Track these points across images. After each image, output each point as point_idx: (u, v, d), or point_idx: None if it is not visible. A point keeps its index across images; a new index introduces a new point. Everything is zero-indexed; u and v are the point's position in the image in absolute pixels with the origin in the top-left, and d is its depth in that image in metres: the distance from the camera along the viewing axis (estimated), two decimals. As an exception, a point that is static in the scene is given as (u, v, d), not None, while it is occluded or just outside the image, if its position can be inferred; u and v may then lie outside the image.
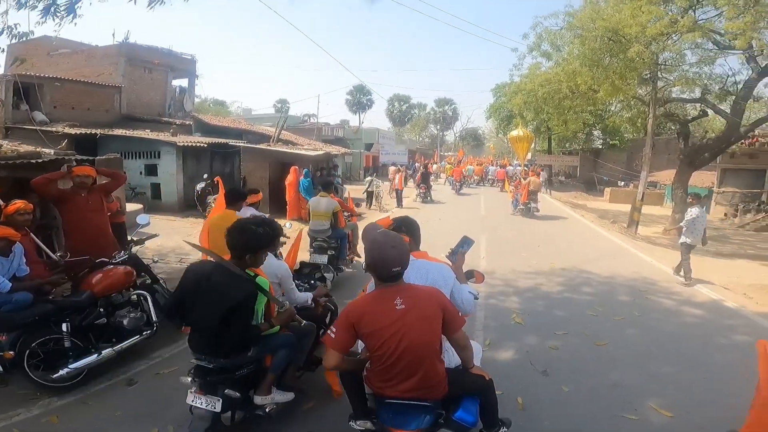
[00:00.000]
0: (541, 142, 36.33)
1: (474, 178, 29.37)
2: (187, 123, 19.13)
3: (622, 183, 26.27)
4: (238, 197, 4.70)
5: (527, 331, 5.09)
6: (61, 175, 4.57)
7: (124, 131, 14.55)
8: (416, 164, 28.66)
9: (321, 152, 19.00)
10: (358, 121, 53.93)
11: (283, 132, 20.62)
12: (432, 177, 22.93)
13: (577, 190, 27.52)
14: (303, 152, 16.86)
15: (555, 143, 35.17)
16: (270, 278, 2.94)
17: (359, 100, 56.38)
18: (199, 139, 14.91)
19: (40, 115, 13.93)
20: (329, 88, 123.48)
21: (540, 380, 3.95)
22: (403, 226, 2.82)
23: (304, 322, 3.29)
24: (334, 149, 23.24)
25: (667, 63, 12.78)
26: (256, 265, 2.79)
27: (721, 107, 13.65)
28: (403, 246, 2.24)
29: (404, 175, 19.38)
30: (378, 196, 16.37)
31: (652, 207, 16.42)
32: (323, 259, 6.12)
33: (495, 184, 28.10)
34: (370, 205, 16.11)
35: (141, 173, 13.54)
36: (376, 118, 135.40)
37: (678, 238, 7.67)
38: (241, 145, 15.11)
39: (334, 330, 2.22)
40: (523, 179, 16.08)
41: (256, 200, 5.38)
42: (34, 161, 5.60)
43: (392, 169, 20.37)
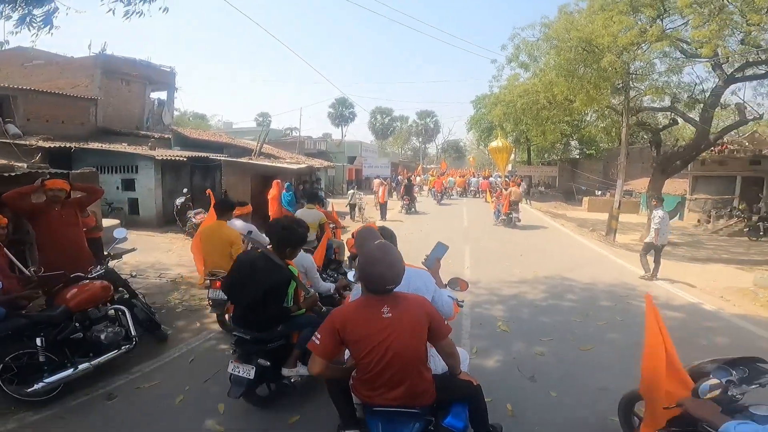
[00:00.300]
0: (520, 153, 37.03)
1: (457, 189, 29.98)
2: (166, 137, 18.83)
3: (600, 192, 26.83)
4: (228, 208, 5.04)
5: (513, 338, 5.11)
6: (34, 189, 4.48)
7: (100, 145, 14.16)
8: (399, 177, 28.85)
9: (303, 165, 18.94)
10: (341, 134, 54.14)
11: (265, 146, 20.48)
12: (416, 189, 23.24)
13: (557, 200, 28.02)
14: (285, 165, 16.79)
15: (534, 154, 35.88)
16: (298, 268, 3.48)
17: (341, 113, 56.68)
18: (178, 153, 14.66)
19: (13, 128, 13.48)
20: (311, 101, 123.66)
21: (528, 386, 3.96)
22: (383, 235, 3.04)
23: (325, 308, 3.66)
24: (317, 162, 23.20)
25: (638, 72, 13.21)
26: (291, 258, 3.37)
27: (691, 115, 14.12)
28: (400, 264, 2.21)
29: (388, 188, 19.47)
30: (361, 208, 16.41)
31: (629, 215, 16.81)
32: None
33: (478, 195, 28.51)
34: (353, 217, 16.13)
35: (118, 188, 13.22)
36: (359, 131, 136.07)
37: (665, 245, 7.99)
38: (222, 158, 14.94)
39: (319, 336, 2.18)
40: (504, 190, 16.30)
41: (245, 212, 5.67)
42: (6, 174, 5.43)
43: (376, 182, 20.45)
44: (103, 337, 3.75)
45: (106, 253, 4.70)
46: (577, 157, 34.49)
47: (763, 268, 9.40)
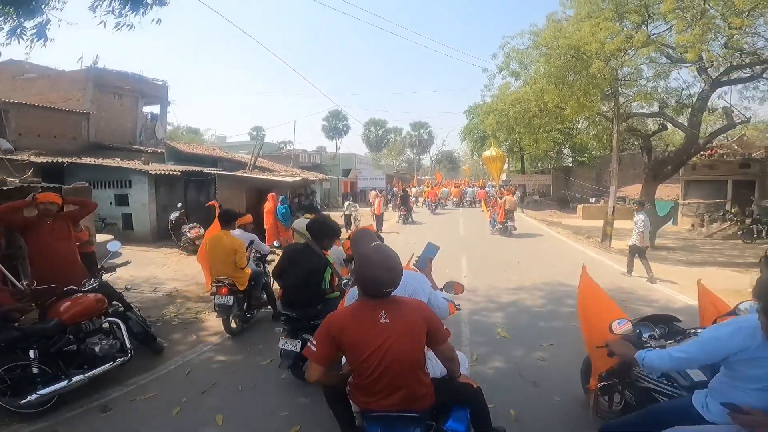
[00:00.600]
0: (514, 163, 37.26)
1: (453, 199, 30.51)
2: (160, 151, 18.77)
3: (593, 199, 26.96)
4: (231, 219, 5.43)
5: (513, 344, 5.07)
6: (26, 204, 4.46)
7: (93, 160, 14.09)
8: (394, 189, 29.03)
9: (298, 178, 18.93)
10: (335, 147, 54.39)
11: (259, 159, 20.50)
12: (412, 199, 23.48)
13: (552, 209, 28.13)
14: (280, 179, 16.76)
15: (528, 163, 36.09)
16: (333, 258, 4.14)
17: (335, 125, 57.01)
18: (172, 168, 14.60)
19: (5, 143, 13.38)
20: (305, 113, 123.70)
21: (531, 391, 3.92)
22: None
23: None
24: (312, 175, 23.20)
25: (626, 78, 13.37)
26: (328, 249, 3.99)
27: (679, 120, 14.28)
28: (398, 267, 2.16)
29: (384, 200, 19.65)
30: (356, 219, 16.42)
31: (623, 221, 16.84)
32: None
33: (473, 205, 28.71)
34: (348, 228, 16.11)
35: (111, 203, 13.12)
36: (353, 143, 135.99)
37: (649, 246, 7.97)
38: (216, 172, 14.90)
39: (315, 342, 2.12)
40: (498, 199, 16.36)
41: (246, 222, 5.93)
42: (-2, 189, 5.37)
43: (372, 193, 20.66)
44: (97, 349, 3.71)
45: (99, 266, 4.65)
46: (570, 165, 34.72)
47: (758, 270, 9.43)
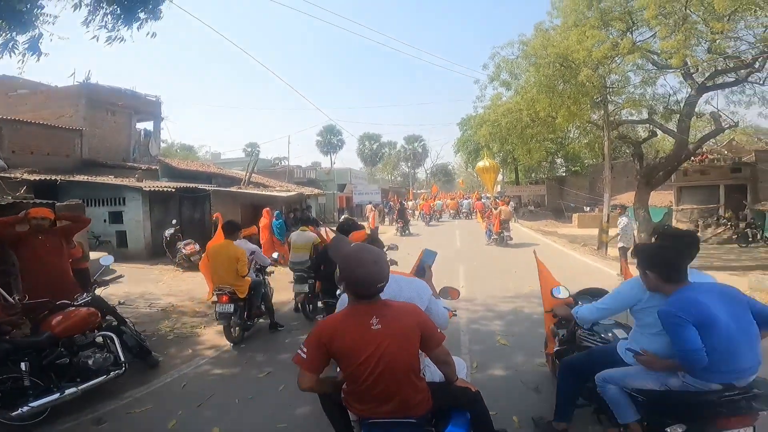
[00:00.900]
0: (508, 174, 37.48)
1: (450, 211, 31.24)
2: (154, 168, 18.71)
3: (588, 208, 27.09)
4: (235, 229, 5.64)
5: (513, 351, 5.03)
6: (18, 220, 4.41)
7: (86, 177, 13.99)
8: (390, 203, 29.27)
9: (293, 193, 18.95)
10: (330, 162, 54.50)
11: (254, 175, 20.51)
12: (408, 212, 23.92)
13: (547, 218, 28.21)
14: (275, 193, 16.77)
15: (522, 174, 36.35)
16: None
17: (330, 140, 57.16)
18: (166, 184, 14.56)
19: None
20: (299, 128, 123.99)
21: (533, 397, 3.87)
22: (372, 242, 2.98)
23: None
24: (307, 190, 23.23)
25: (615, 86, 13.55)
26: None
27: (668, 126, 14.44)
28: (383, 259, 2.12)
29: (379, 213, 19.92)
30: (353, 231, 16.46)
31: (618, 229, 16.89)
32: (304, 289, 6.26)
33: (470, 217, 28.90)
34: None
35: (105, 221, 13.03)
36: (348, 157, 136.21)
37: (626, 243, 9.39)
38: (211, 188, 14.87)
39: (305, 350, 2.06)
40: (494, 209, 16.42)
41: (251, 233, 6.42)
42: (-10, 206, 5.32)
43: (368, 207, 21.00)
44: (90, 362, 3.65)
45: (92, 281, 4.60)
46: (564, 174, 34.96)
47: (756, 273, 9.45)
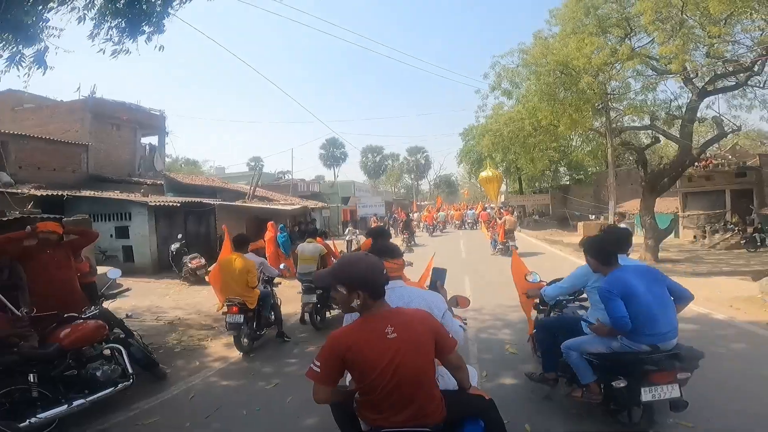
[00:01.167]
0: (512, 183, 37.43)
1: (455, 222, 31.61)
2: (159, 183, 18.81)
3: (593, 216, 26.94)
4: (244, 242, 5.73)
5: (523, 360, 4.95)
6: (24, 235, 4.40)
7: (92, 192, 14.11)
8: (395, 215, 29.41)
9: (298, 206, 18.99)
10: (333, 175, 54.69)
11: (258, 189, 20.61)
12: (414, 223, 24.10)
13: (552, 228, 28.11)
14: (280, 207, 16.81)
15: (525, 183, 36.26)
16: None
17: (333, 153, 57.46)
18: (172, 199, 14.62)
19: (5, 176, 13.28)
20: (301, 141, 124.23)
21: (545, 406, 3.81)
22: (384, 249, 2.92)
23: None
24: (311, 203, 23.28)
25: (616, 92, 13.52)
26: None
27: (671, 132, 14.38)
28: (378, 259, 2.20)
29: (386, 226, 20.08)
30: (358, 243, 16.54)
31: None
32: (312, 299, 6.30)
33: (474, 227, 28.93)
34: (349, 252, 16.25)
35: (111, 236, 13.08)
36: (351, 171, 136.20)
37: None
38: (216, 203, 14.93)
39: (318, 364, 2.05)
40: (498, 219, 16.37)
41: (259, 247, 6.57)
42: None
43: (373, 219, 21.14)
44: (98, 374, 3.65)
45: (100, 294, 4.60)
46: (568, 183, 34.84)
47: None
